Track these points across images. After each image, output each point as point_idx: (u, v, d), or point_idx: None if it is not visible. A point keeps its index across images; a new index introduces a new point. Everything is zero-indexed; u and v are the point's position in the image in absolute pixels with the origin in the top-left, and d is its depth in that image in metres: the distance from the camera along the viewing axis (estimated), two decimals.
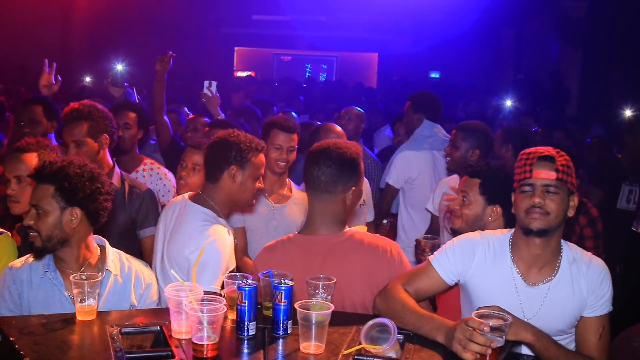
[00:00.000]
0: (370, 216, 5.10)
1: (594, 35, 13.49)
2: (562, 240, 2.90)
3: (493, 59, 17.13)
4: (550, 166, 2.77)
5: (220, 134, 3.50)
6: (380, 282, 2.98)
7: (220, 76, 16.40)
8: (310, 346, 2.54)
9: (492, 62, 17.12)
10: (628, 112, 8.44)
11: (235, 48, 19.67)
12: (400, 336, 2.66)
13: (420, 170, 5.50)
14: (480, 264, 2.90)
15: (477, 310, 2.61)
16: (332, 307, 2.61)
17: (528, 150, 2.88)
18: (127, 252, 3.31)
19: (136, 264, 3.23)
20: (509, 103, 11.37)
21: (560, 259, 2.87)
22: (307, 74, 20.15)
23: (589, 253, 2.92)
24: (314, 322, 2.52)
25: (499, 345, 2.44)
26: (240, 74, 18.33)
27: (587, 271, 2.83)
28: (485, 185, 3.38)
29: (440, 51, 17.28)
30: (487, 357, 2.41)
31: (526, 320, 2.75)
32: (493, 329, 2.43)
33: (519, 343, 2.68)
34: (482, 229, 3.16)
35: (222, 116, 5.66)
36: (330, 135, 4.71)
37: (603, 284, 2.82)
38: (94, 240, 3.14)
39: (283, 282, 2.68)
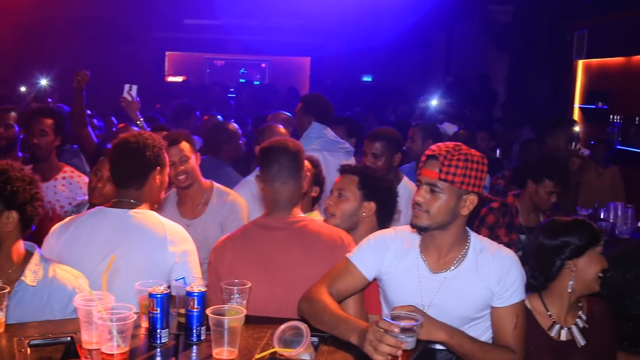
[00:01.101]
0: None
1: (520, 40, 13.82)
2: (470, 232, 2.95)
3: (424, 62, 17.37)
4: (434, 165, 2.80)
5: (129, 140, 3.41)
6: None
7: (152, 81, 16.30)
8: (223, 352, 2.53)
9: (423, 65, 17.35)
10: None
11: (167, 53, 19.41)
12: (315, 338, 2.68)
13: None
14: (393, 258, 2.95)
15: (392, 310, 2.65)
16: (245, 311, 2.62)
17: (432, 147, 2.92)
18: None
19: (63, 274, 3.04)
20: (434, 102, 11.56)
21: (467, 249, 2.90)
22: (240, 79, 20.08)
23: (499, 244, 2.97)
24: (226, 327, 2.51)
25: (410, 347, 2.47)
26: (171, 78, 18.16)
27: (494, 261, 2.86)
28: (364, 181, 3.54)
29: (373, 55, 17.41)
30: (399, 358, 2.44)
31: (424, 306, 2.82)
32: (404, 329, 2.46)
33: (432, 349, 2.73)
34: (356, 226, 3.50)
35: (141, 121, 5.60)
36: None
37: (510, 273, 2.84)
38: (23, 246, 3.03)
39: (196, 287, 2.67)
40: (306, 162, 3.58)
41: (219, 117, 7.21)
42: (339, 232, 3.30)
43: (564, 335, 3.02)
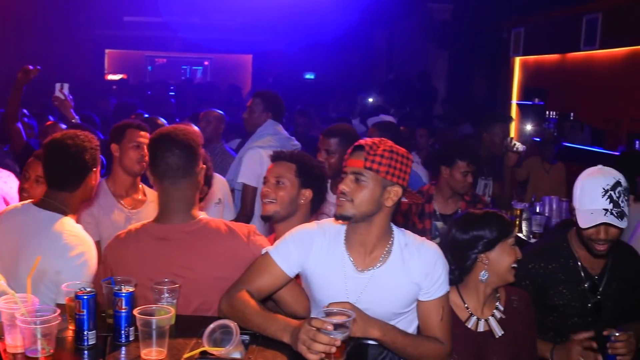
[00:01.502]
0: (229, 215, 5.05)
1: (459, 37, 14.00)
2: (394, 227, 2.94)
3: (365, 59, 17.47)
4: (360, 155, 2.79)
5: (65, 142, 3.30)
6: (246, 264, 2.95)
7: (90, 79, 16.04)
8: (152, 352, 2.48)
9: (364, 62, 17.44)
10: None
11: (106, 50, 19.16)
12: (246, 337, 2.65)
13: None
14: (317, 254, 2.89)
15: (327, 306, 2.65)
16: (173, 311, 2.59)
17: (359, 140, 2.91)
18: None
19: None
20: (370, 100, 11.64)
21: (391, 244, 2.89)
22: (183, 76, 19.91)
23: (422, 238, 2.97)
24: (154, 327, 2.47)
25: (343, 342, 2.46)
26: (111, 76, 17.91)
27: (420, 256, 2.86)
28: (301, 169, 3.51)
29: (315, 52, 17.45)
30: (332, 355, 2.43)
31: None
32: (337, 326, 2.45)
33: (365, 343, 2.73)
34: (294, 213, 3.45)
35: (76, 119, 5.50)
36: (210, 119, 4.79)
37: (437, 267, 2.85)
38: None
39: (123, 288, 2.63)
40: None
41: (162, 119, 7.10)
42: (243, 227, 3.17)
43: (481, 327, 3.05)
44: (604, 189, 3.15)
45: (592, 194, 3.16)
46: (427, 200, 4.90)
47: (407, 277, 2.84)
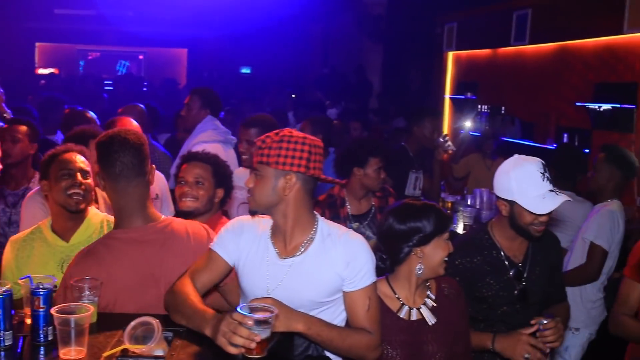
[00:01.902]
0: (167, 212, 4.95)
1: (393, 32, 14.10)
2: (319, 217, 2.96)
3: (301, 53, 17.46)
4: (256, 153, 2.85)
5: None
6: None
7: (20, 73, 15.64)
8: (71, 352, 2.43)
9: (300, 56, 17.44)
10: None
11: (37, 44, 18.70)
12: (169, 333, 2.62)
13: None
14: (246, 242, 2.93)
15: (250, 301, 2.62)
16: (92, 309, 2.54)
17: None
18: None
19: None
20: (293, 96, 11.68)
21: (314, 233, 2.90)
22: (120, 70, 19.59)
23: (347, 229, 2.98)
24: (72, 326, 2.42)
25: (265, 337, 2.44)
26: (41, 70, 17.49)
27: (341, 245, 2.86)
28: (216, 170, 3.86)
29: (251, 47, 17.38)
30: (253, 351, 2.42)
31: (268, 291, 2.82)
32: (258, 322, 2.43)
33: (290, 333, 2.71)
34: (208, 211, 3.80)
35: (8, 113, 5.36)
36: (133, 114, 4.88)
37: (359, 257, 2.84)
38: None
39: (41, 286, 2.56)
40: None
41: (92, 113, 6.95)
42: (197, 223, 3.30)
43: (414, 315, 3.06)
44: (540, 172, 3.22)
45: (533, 181, 3.22)
46: (341, 204, 4.86)
47: (329, 267, 2.84)
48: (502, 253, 3.45)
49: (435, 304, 3.10)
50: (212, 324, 2.53)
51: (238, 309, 2.48)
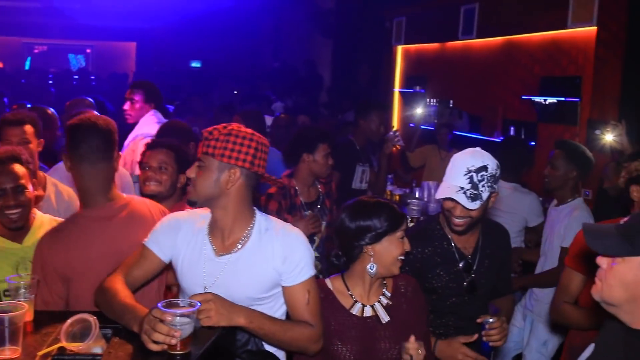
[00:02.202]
0: None
1: (342, 26, 14.11)
2: (257, 212, 2.95)
3: (252, 47, 17.36)
4: (202, 144, 2.83)
5: None
6: None
7: None
8: (5, 351, 2.37)
9: (250, 50, 17.34)
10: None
11: None
12: (108, 330, 2.58)
13: None
14: (183, 238, 2.91)
15: (189, 298, 2.60)
16: (26, 307, 2.48)
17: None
18: None
19: None
20: (235, 92, 11.65)
21: (251, 229, 2.89)
22: (65, 65, 19.23)
23: (285, 223, 2.99)
24: (6, 325, 2.36)
25: (186, 334, 2.41)
26: None
27: (278, 240, 2.86)
28: (178, 156, 4.02)
29: (202, 40, 17.21)
30: (176, 346, 2.38)
31: (205, 289, 2.80)
32: (180, 316, 2.40)
33: (232, 328, 2.68)
34: (171, 196, 3.95)
35: None
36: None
37: (296, 251, 2.85)
38: None
39: None
40: None
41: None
42: (154, 203, 3.44)
43: (367, 312, 3.04)
44: (468, 168, 3.19)
45: (456, 171, 3.22)
46: (295, 194, 4.86)
47: (265, 262, 2.84)
48: (452, 244, 3.46)
49: (390, 302, 3.08)
50: (138, 321, 2.50)
51: (158, 305, 2.44)
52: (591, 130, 4.83)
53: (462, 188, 3.18)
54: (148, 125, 5.60)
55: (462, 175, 3.19)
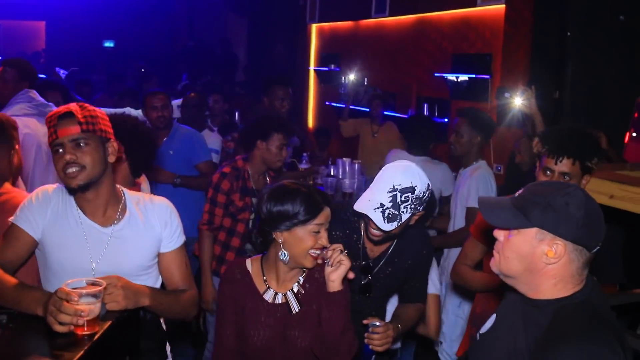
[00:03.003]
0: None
1: (257, 4, 13.96)
2: (119, 186, 2.93)
3: (166, 26, 17.04)
4: (72, 122, 2.69)
5: None
6: None
7: None
8: None
9: (165, 29, 17.02)
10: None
11: None
12: (3, 316, 2.45)
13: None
14: (54, 212, 2.80)
15: (89, 279, 2.50)
16: None
17: (51, 113, 2.78)
18: None
19: None
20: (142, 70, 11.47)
21: (124, 202, 2.90)
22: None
23: (151, 194, 3.05)
24: None
25: (94, 314, 2.33)
26: None
27: (154, 208, 2.92)
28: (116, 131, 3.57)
29: (114, 20, 16.74)
30: (85, 327, 2.29)
31: (93, 263, 2.75)
32: (86, 296, 2.32)
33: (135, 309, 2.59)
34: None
35: None
36: None
37: (173, 217, 2.95)
38: None
39: None
40: None
41: None
42: None
43: (279, 299, 2.92)
44: (394, 186, 2.97)
45: (382, 185, 3.01)
46: (247, 177, 4.79)
47: (148, 230, 2.88)
48: (361, 241, 3.31)
49: (302, 290, 2.93)
50: (42, 303, 2.39)
51: (63, 285, 2.35)
52: (500, 94, 4.92)
53: (382, 205, 2.97)
54: (15, 105, 5.30)
55: (385, 192, 2.98)
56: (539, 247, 2.10)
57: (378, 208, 2.96)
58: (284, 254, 2.82)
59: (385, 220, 2.95)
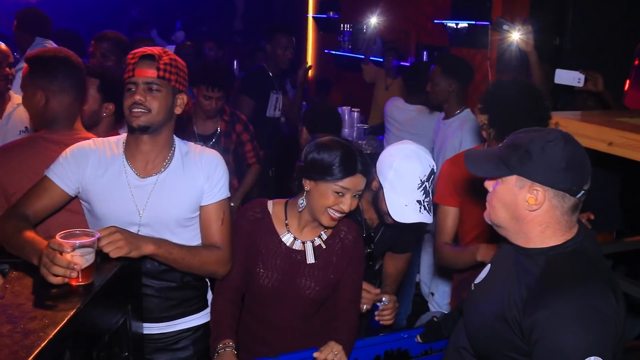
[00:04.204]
0: None
1: None
2: (175, 137, 2.96)
3: None
4: (151, 65, 2.78)
5: None
6: None
7: None
8: None
9: None
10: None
11: None
12: (5, 265, 2.49)
13: None
14: (95, 167, 2.84)
15: (100, 229, 2.52)
16: None
17: (135, 50, 2.85)
18: None
19: None
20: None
21: (173, 152, 2.92)
22: None
23: (202, 147, 3.03)
24: None
25: (90, 264, 2.35)
26: None
27: (201, 160, 2.93)
28: (104, 84, 3.64)
29: None
30: (79, 278, 2.32)
31: (140, 211, 2.82)
32: (80, 247, 2.34)
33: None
34: (97, 124, 3.64)
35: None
36: None
37: (217, 170, 2.93)
38: None
39: None
40: None
41: None
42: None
43: (297, 245, 2.98)
44: (420, 179, 3.01)
45: (408, 183, 3.02)
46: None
47: (191, 181, 2.89)
48: (361, 215, 3.34)
49: (324, 245, 3.01)
50: (38, 254, 2.41)
51: (57, 236, 2.36)
52: (498, 25, 4.85)
53: (419, 202, 3.01)
54: None
55: (416, 189, 3.01)
56: (520, 194, 2.13)
57: (419, 207, 3.02)
58: (302, 201, 2.91)
59: (429, 213, 3.06)
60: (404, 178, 3.02)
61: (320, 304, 3.03)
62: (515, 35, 4.67)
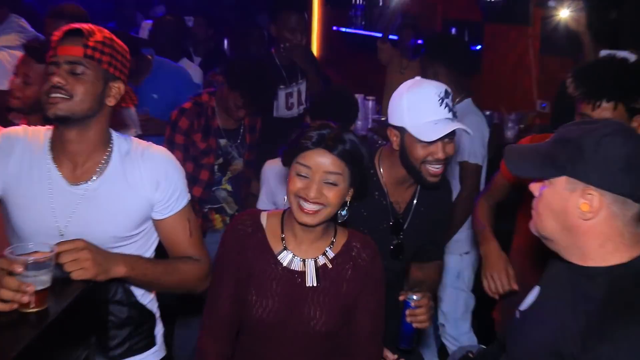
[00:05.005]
0: None
1: None
2: (113, 133, 2.82)
3: None
4: (77, 41, 2.64)
5: None
6: None
7: None
8: None
9: None
10: None
11: None
12: None
13: None
14: (18, 163, 2.71)
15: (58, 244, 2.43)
16: None
17: (61, 28, 2.71)
18: None
19: None
20: None
21: (110, 153, 2.77)
22: None
23: (148, 143, 2.87)
24: None
25: (43, 286, 2.27)
26: None
27: (145, 164, 2.78)
28: None
29: None
30: (30, 303, 2.23)
31: (61, 228, 2.67)
32: (33, 265, 2.25)
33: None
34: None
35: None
36: None
37: (169, 175, 2.80)
38: None
39: None
40: None
41: None
42: None
43: (296, 266, 2.79)
44: (439, 96, 3.06)
45: (429, 104, 3.05)
46: (212, 115, 4.75)
47: (133, 191, 2.75)
48: (387, 198, 3.29)
49: (330, 264, 2.81)
50: None
51: (5, 253, 2.28)
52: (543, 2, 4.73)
53: (448, 119, 3.07)
54: (4, 35, 5.29)
55: (439, 107, 3.06)
56: (570, 199, 2.07)
57: (449, 120, 3.06)
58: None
59: (453, 120, 3.09)
60: (421, 103, 3.07)
61: (329, 340, 2.79)
62: (564, 12, 4.57)
